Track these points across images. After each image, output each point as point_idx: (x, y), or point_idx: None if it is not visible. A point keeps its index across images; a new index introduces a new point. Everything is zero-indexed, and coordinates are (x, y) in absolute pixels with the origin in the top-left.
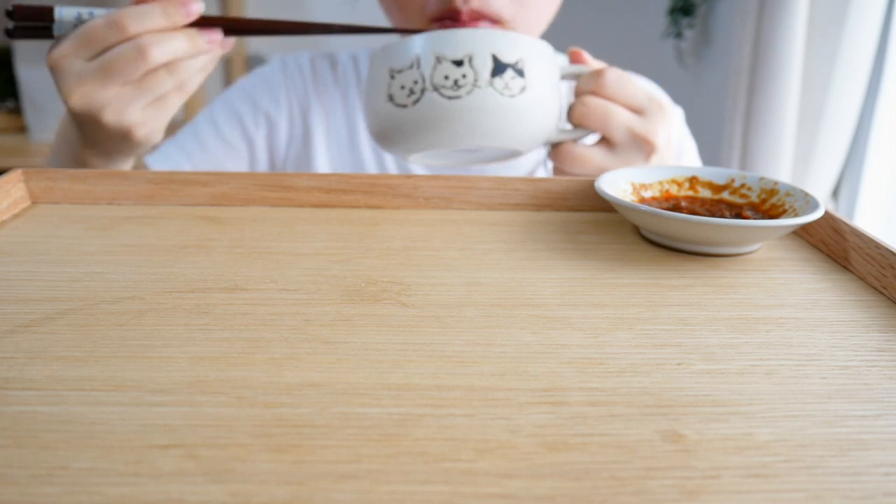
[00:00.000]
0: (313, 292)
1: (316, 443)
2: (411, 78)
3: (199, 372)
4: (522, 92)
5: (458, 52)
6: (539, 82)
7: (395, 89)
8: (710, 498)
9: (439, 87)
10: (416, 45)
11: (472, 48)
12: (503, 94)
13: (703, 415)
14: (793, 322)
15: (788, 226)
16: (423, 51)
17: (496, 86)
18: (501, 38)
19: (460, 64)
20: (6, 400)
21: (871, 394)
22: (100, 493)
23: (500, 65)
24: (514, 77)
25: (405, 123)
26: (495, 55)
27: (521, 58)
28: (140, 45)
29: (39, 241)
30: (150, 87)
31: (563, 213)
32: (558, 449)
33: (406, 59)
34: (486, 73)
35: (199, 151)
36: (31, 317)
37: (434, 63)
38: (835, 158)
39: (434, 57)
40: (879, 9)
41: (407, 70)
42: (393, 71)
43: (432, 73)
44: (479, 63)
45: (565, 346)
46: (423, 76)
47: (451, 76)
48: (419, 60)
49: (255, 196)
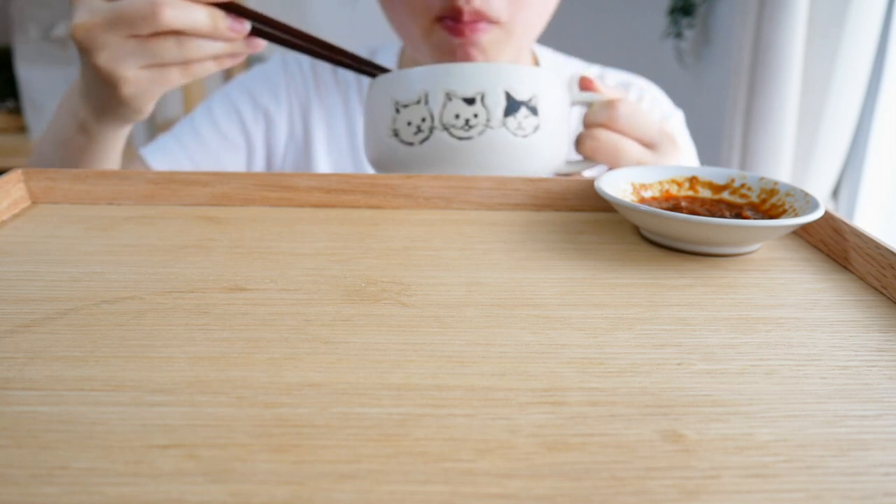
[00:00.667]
0: (313, 292)
1: (316, 443)
2: (419, 115)
3: (199, 372)
4: (536, 131)
5: (469, 88)
6: (552, 119)
7: (400, 125)
8: (710, 498)
9: (449, 126)
10: (423, 79)
11: (485, 85)
12: (516, 134)
13: (704, 415)
14: (793, 322)
15: (788, 226)
16: (431, 86)
17: (509, 126)
18: (514, 73)
19: (472, 102)
20: (6, 400)
21: (871, 394)
22: (100, 493)
23: (514, 103)
24: (527, 116)
25: (410, 160)
26: (508, 92)
27: (534, 94)
28: (155, 2)
29: (39, 241)
30: (152, 50)
31: (563, 213)
32: (558, 449)
33: (413, 92)
34: (499, 112)
35: (195, 143)
36: (31, 317)
37: (444, 100)
38: (835, 158)
39: (444, 93)
40: (879, 9)
41: (413, 105)
42: (398, 104)
43: (442, 111)
44: (491, 101)
45: (565, 346)
46: (432, 114)
47: (462, 115)
48: (427, 96)
49: (255, 196)
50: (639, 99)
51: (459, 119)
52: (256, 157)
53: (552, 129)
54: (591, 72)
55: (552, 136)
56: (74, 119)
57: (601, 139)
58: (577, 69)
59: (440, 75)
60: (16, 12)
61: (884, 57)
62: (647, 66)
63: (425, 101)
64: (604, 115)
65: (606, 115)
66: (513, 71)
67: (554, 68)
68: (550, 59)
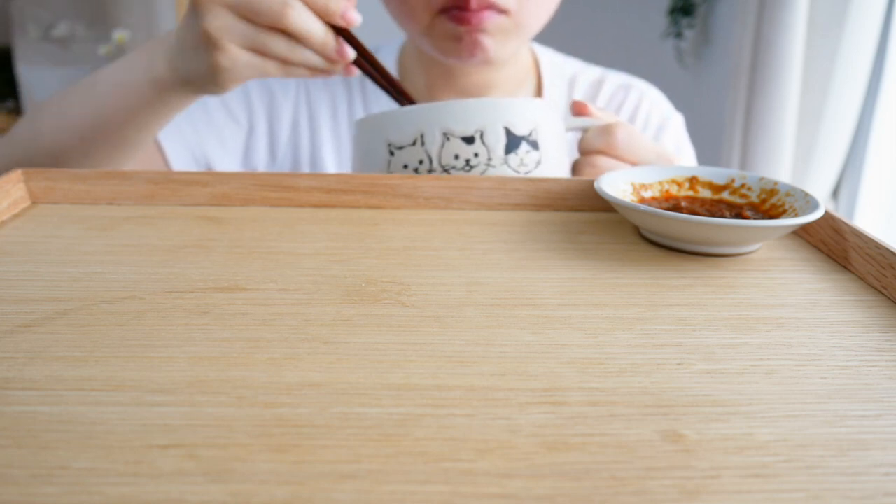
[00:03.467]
0: (313, 292)
1: (316, 443)
2: (416, 157)
3: (199, 372)
4: (538, 166)
5: (468, 127)
6: (553, 151)
7: (395, 168)
8: (710, 498)
9: (449, 167)
10: (418, 118)
11: (483, 122)
12: (518, 171)
13: (703, 415)
14: (793, 322)
15: (788, 226)
16: (427, 125)
17: (511, 163)
18: (512, 107)
19: (471, 140)
20: (6, 400)
21: (871, 394)
22: (100, 493)
23: (514, 138)
24: (528, 151)
25: None
26: (508, 128)
27: (534, 127)
28: (285, 2)
29: (39, 241)
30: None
31: (563, 213)
32: (558, 449)
33: (407, 133)
34: (500, 149)
35: (202, 116)
36: (31, 317)
37: (441, 140)
38: (835, 158)
39: (441, 133)
40: (879, 9)
41: (409, 147)
42: (392, 146)
43: (440, 152)
44: (491, 139)
45: (565, 346)
46: (430, 155)
47: (461, 155)
48: (423, 136)
49: (255, 196)
50: (638, 101)
51: (459, 159)
52: (258, 138)
53: (554, 161)
54: (592, 73)
55: (554, 168)
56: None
57: (600, 166)
58: (578, 69)
59: (435, 113)
60: (16, 12)
61: (884, 57)
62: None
63: (421, 142)
64: (601, 142)
65: (604, 141)
66: (511, 105)
67: (555, 68)
68: (551, 59)
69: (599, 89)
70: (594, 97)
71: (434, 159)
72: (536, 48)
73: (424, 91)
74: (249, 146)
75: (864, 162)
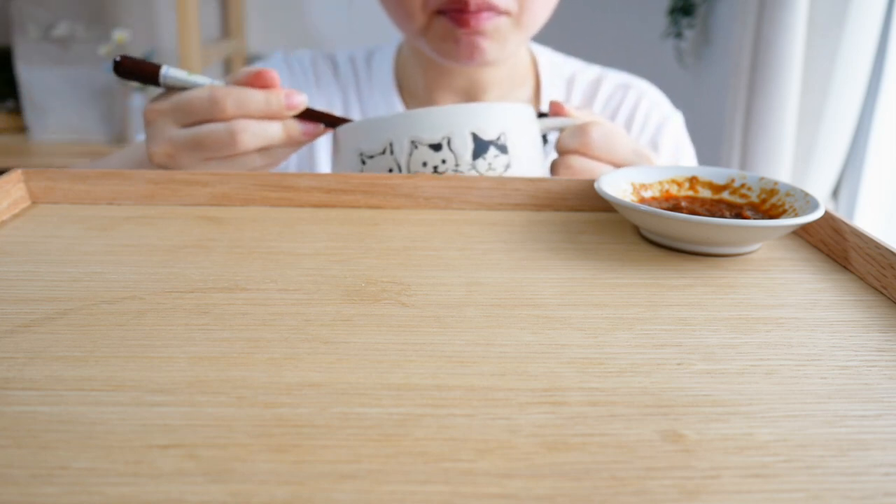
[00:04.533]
0: (313, 292)
1: (316, 443)
2: (386, 165)
3: (199, 372)
4: (507, 169)
5: (435, 134)
6: (524, 153)
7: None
8: (710, 498)
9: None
10: (387, 127)
11: (450, 129)
12: (487, 175)
13: (703, 415)
14: (793, 322)
15: (788, 226)
16: (396, 134)
17: (479, 168)
18: (479, 112)
19: (438, 148)
20: (6, 400)
21: (871, 394)
22: (100, 492)
23: (482, 143)
24: (497, 155)
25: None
26: (475, 133)
27: (502, 131)
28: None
29: (39, 241)
30: (236, 164)
31: (563, 213)
32: (558, 449)
33: (377, 143)
34: (468, 155)
35: None
36: (32, 317)
37: (409, 148)
38: (835, 158)
39: (409, 141)
40: (879, 9)
41: (379, 156)
42: (364, 155)
43: (408, 160)
44: (458, 145)
45: (565, 346)
46: (399, 163)
47: (429, 162)
48: (392, 145)
49: (255, 196)
50: (637, 101)
51: (427, 167)
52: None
53: (525, 163)
54: (591, 73)
55: (526, 171)
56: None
57: (575, 167)
58: (577, 69)
59: (404, 122)
60: (16, 12)
61: (884, 57)
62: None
63: (390, 150)
64: (576, 141)
65: (579, 141)
66: (478, 110)
67: (553, 68)
68: (549, 58)
69: (598, 89)
70: (593, 97)
71: (403, 167)
72: (535, 48)
73: (423, 91)
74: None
75: (865, 162)
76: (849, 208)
